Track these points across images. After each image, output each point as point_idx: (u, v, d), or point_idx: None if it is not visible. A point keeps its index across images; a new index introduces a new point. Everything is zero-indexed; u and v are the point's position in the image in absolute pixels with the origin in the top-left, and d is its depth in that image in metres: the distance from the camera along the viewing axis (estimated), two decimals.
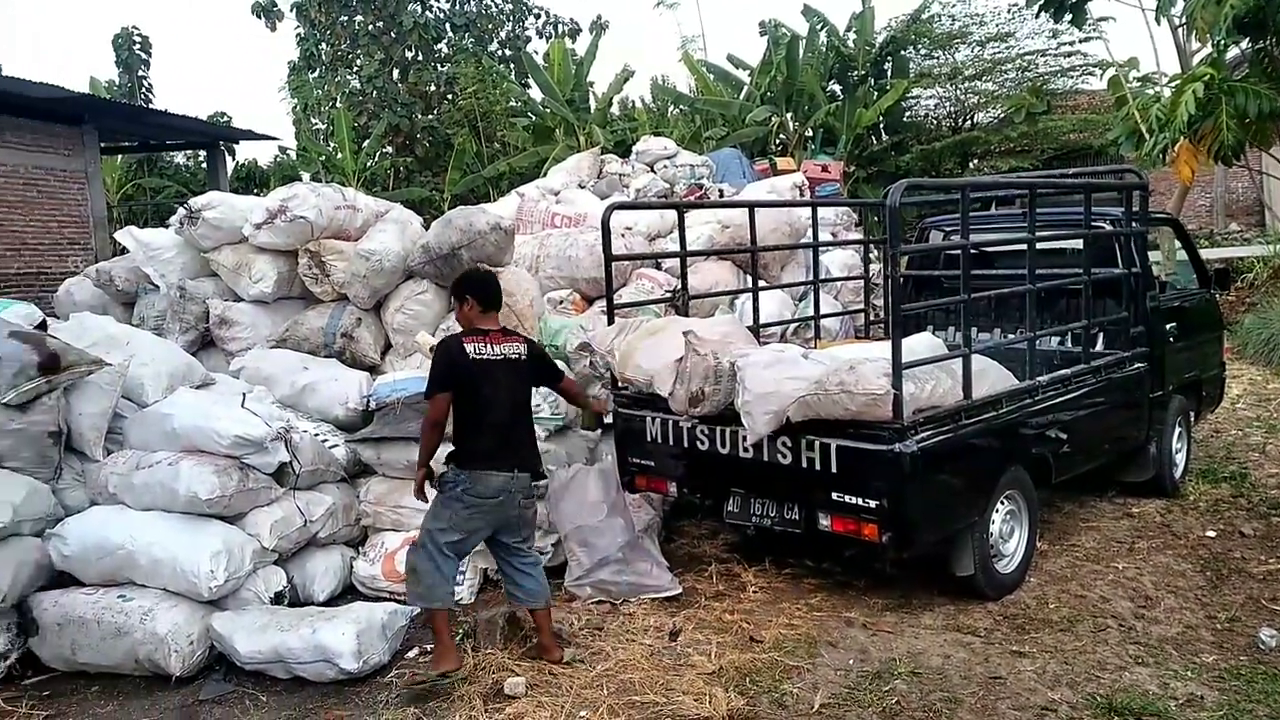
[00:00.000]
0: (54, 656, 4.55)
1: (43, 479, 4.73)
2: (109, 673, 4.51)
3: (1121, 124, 6.42)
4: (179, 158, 23.78)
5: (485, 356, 4.36)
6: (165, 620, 4.41)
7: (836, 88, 19.32)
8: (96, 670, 4.52)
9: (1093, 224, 5.89)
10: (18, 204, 11.57)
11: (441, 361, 4.36)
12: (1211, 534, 5.95)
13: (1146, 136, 6.06)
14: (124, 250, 7.34)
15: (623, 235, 7.67)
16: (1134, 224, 6.17)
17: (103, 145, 13.72)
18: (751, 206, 6.70)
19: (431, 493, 4.44)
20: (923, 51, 20.40)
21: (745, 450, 4.83)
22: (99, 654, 4.46)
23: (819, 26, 19.40)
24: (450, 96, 22.92)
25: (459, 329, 4.62)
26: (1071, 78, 19.69)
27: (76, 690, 4.46)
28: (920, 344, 4.83)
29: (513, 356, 4.44)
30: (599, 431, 6.17)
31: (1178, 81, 5.87)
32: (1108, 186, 6.83)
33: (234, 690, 4.36)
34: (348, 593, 5.39)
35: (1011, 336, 6.14)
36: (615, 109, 22.36)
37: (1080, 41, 18.01)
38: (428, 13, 23.91)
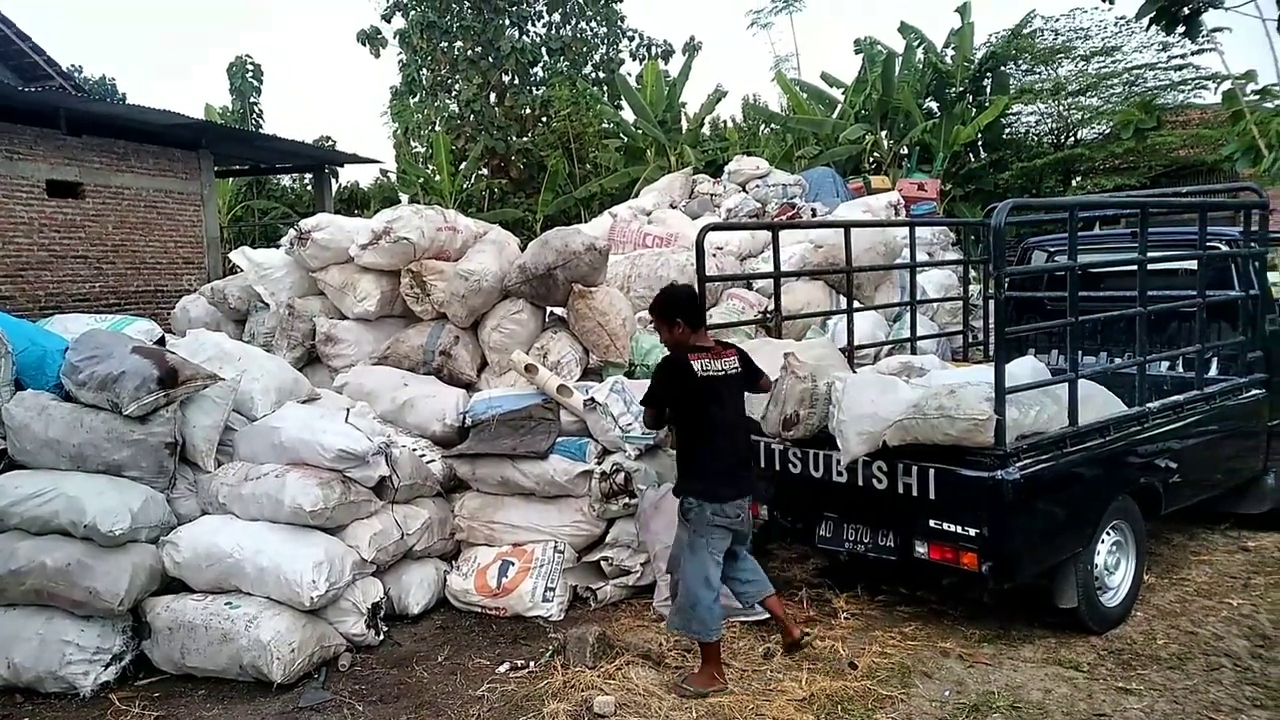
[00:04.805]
0: (165, 659, 4.74)
1: (159, 488, 4.94)
2: (215, 677, 4.67)
3: (1237, 140, 6.19)
4: (285, 180, 24.76)
5: (711, 373, 4.34)
6: (268, 628, 4.55)
7: (933, 105, 19.00)
8: (203, 674, 4.68)
9: (1208, 244, 5.66)
10: (139, 225, 12.21)
11: (666, 379, 4.35)
12: None
13: (1265, 152, 5.82)
14: (235, 269, 7.66)
15: (714, 255, 7.68)
16: (1252, 244, 5.91)
17: (217, 169, 14.39)
18: (847, 226, 6.64)
19: None
20: (1024, 67, 19.92)
21: (839, 474, 4.77)
22: (206, 658, 4.62)
23: (916, 43, 19.15)
24: (545, 119, 23.35)
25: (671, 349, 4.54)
26: (1182, 92, 18.95)
27: (184, 693, 4.63)
28: (1023, 368, 4.71)
29: (728, 372, 4.41)
30: None
31: None
32: (1224, 205, 6.56)
33: (332, 699, 4.47)
34: (441, 605, 5.50)
35: (1119, 361, 5.93)
36: (707, 129, 22.47)
37: (1192, 54, 17.33)
38: (525, 38, 24.44)
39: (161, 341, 5.90)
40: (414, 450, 5.68)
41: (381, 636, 5.03)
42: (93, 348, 5.04)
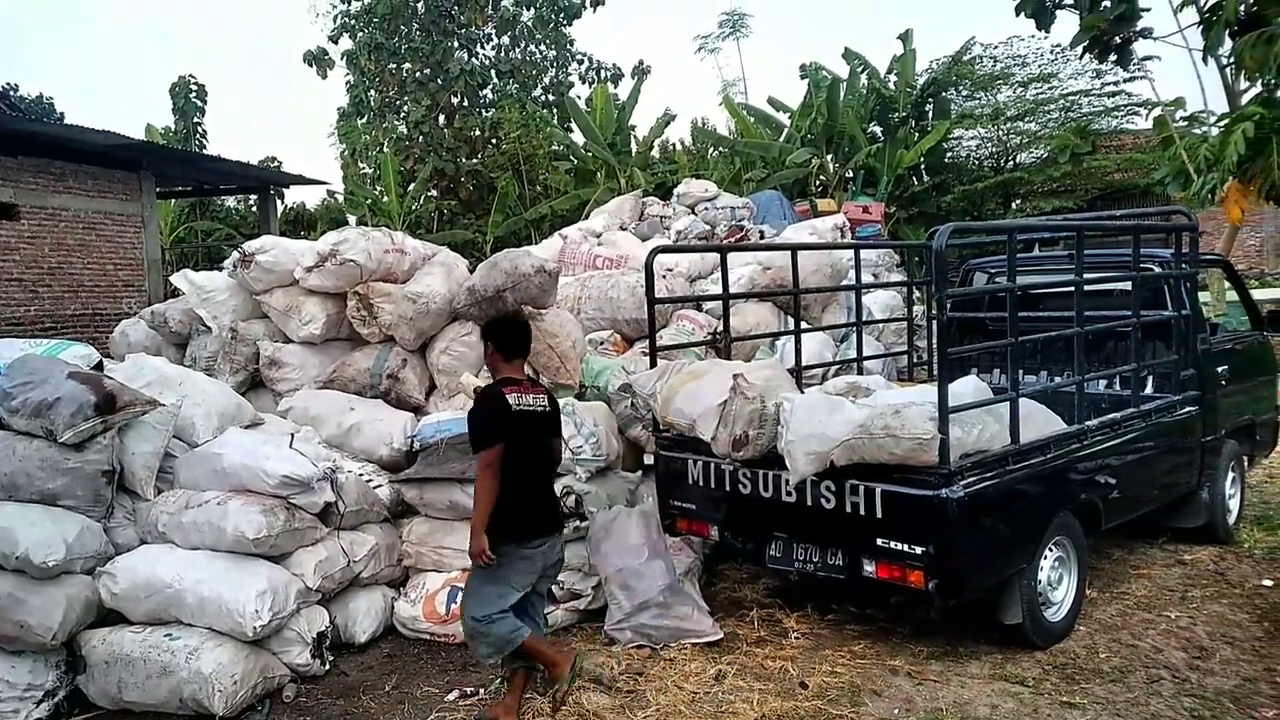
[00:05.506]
0: (101, 694, 4.59)
1: (95, 518, 4.80)
2: (154, 711, 4.54)
3: (1168, 164, 6.38)
4: (230, 201, 24.44)
5: (524, 408, 4.26)
6: (210, 659, 4.44)
7: (877, 129, 19.38)
8: (142, 709, 4.55)
9: (1141, 266, 5.82)
10: (76, 247, 11.94)
11: (490, 413, 4.21)
12: (1268, 583, 5.78)
13: (1194, 176, 6.00)
14: (176, 292, 7.52)
15: (664, 277, 7.71)
16: (1183, 265, 6.09)
17: (158, 190, 14.13)
18: (794, 248, 6.72)
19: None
20: (964, 93, 20.43)
21: (788, 494, 4.80)
22: (144, 692, 4.49)
23: (860, 69, 19.52)
24: (494, 141, 23.36)
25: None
26: (1116, 117, 19.59)
27: None
28: (966, 388, 4.79)
29: (539, 410, 4.34)
30: (640, 473, 6.17)
31: (1226, 121, 5.81)
32: (1156, 228, 6.76)
33: None
34: (389, 633, 5.41)
35: (1058, 380, 6.06)
36: (656, 152, 22.66)
37: (1125, 81, 17.95)
38: (474, 60, 24.44)
39: (100, 366, 5.75)
40: (360, 475, 5.61)
41: (327, 666, 4.93)
42: (26, 373, 4.90)
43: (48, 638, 4.41)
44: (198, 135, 24.68)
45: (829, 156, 18.59)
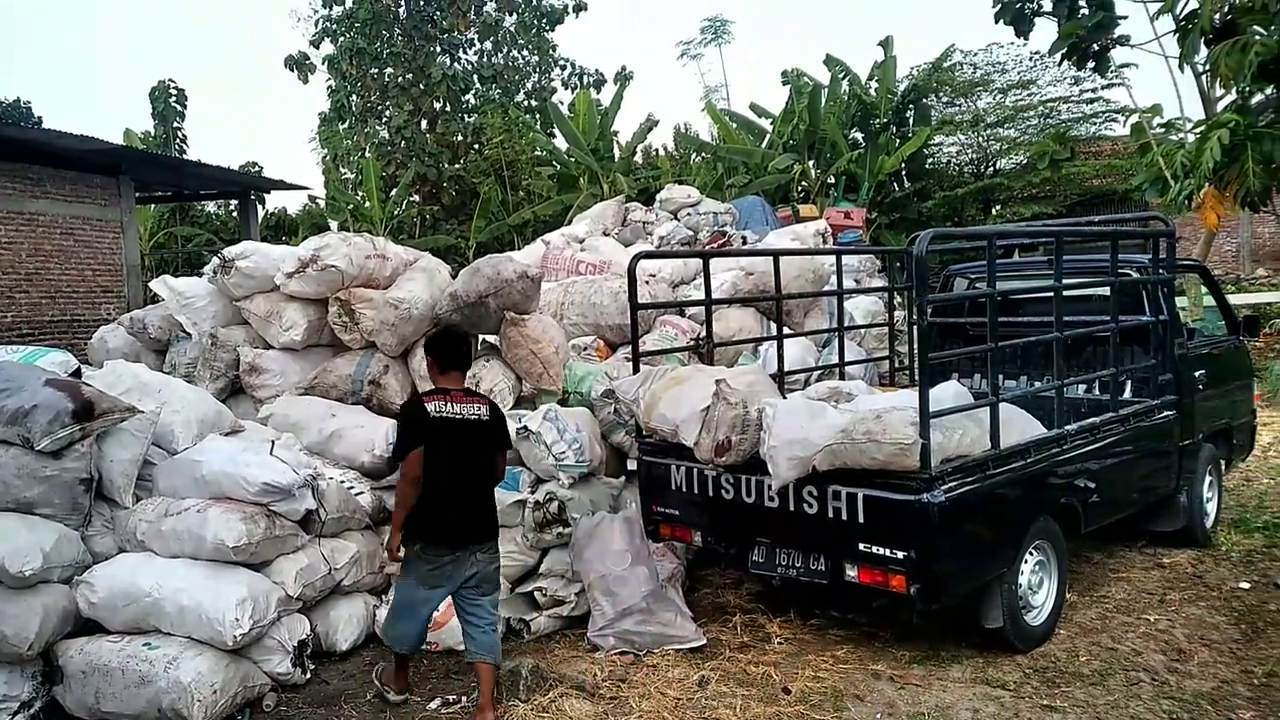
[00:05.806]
0: (78, 705, 4.54)
1: (73, 526, 4.76)
2: None
3: (1145, 170, 6.40)
4: (210, 206, 24.25)
5: (445, 415, 4.32)
6: (189, 669, 4.40)
7: (858, 135, 19.44)
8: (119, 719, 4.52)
9: (1120, 271, 5.87)
10: (54, 253, 11.82)
11: (405, 422, 4.37)
12: (1245, 585, 5.84)
13: (1171, 183, 6.03)
14: (155, 298, 7.46)
15: (646, 283, 7.72)
16: (1161, 271, 6.14)
17: (138, 195, 14.03)
18: (777, 254, 6.74)
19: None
20: (944, 99, 20.52)
21: (770, 499, 4.81)
22: (122, 703, 4.44)
23: (841, 75, 19.60)
24: (477, 146, 23.31)
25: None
26: (1094, 124, 19.73)
27: None
28: (947, 393, 4.81)
29: (469, 418, 4.41)
30: (623, 479, 6.17)
31: (1202, 128, 5.86)
32: (1134, 234, 6.81)
33: None
34: (370, 641, 5.38)
35: (1038, 384, 6.10)
36: (639, 157, 22.63)
37: (1103, 88, 18.05)
38: (456, 65, 24.40)
39: (78, 373, 5.71)
40: (342, 482, 5.57)
41: (308, 675, 4.91)
42: (3, 380, 4.86)
43: (24, 648, 4.36)
44: (177, 140, 24.48)
45: (811, 162, 18.63)
